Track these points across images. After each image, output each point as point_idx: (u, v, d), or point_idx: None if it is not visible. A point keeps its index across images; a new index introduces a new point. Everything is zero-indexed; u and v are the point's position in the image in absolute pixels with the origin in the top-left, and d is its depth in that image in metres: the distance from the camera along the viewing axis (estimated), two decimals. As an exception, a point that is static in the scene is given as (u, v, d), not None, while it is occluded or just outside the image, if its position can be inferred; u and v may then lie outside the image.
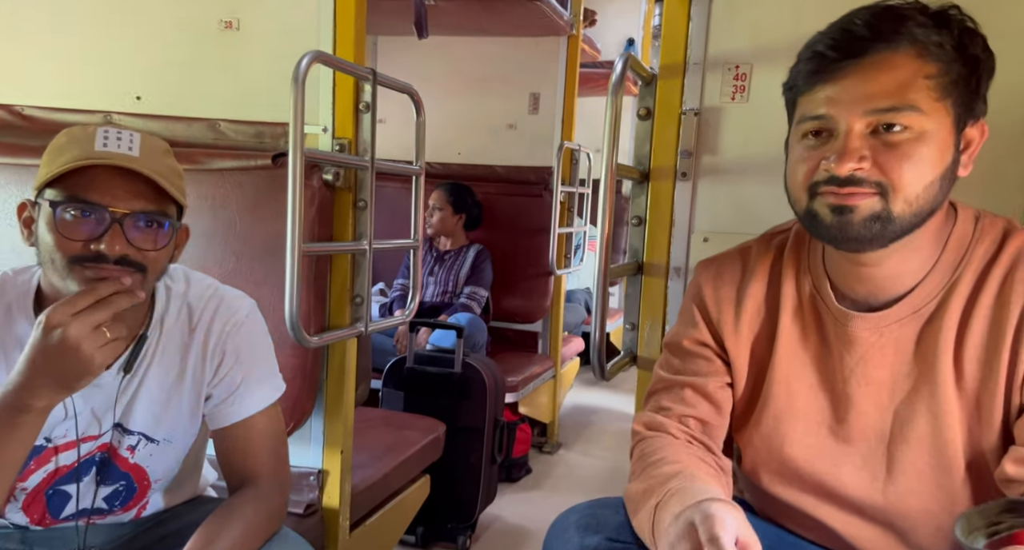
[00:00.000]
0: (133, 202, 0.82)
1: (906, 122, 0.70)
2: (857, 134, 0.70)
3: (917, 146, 0.70)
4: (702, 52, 1.21)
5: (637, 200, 1.29)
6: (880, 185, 0.70)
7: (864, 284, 0.80)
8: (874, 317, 0.80)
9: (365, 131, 1.33)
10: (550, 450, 2.82)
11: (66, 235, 0.81)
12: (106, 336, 0.77)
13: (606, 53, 3.77)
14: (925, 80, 0.70)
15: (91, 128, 0.85)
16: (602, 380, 1.17)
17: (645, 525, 0.74)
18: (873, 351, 0.80)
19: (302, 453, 1.39)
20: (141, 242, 0.84)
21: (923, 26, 0.70)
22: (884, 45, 0.70)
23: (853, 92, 0.70)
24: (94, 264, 0.81)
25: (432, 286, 2.70)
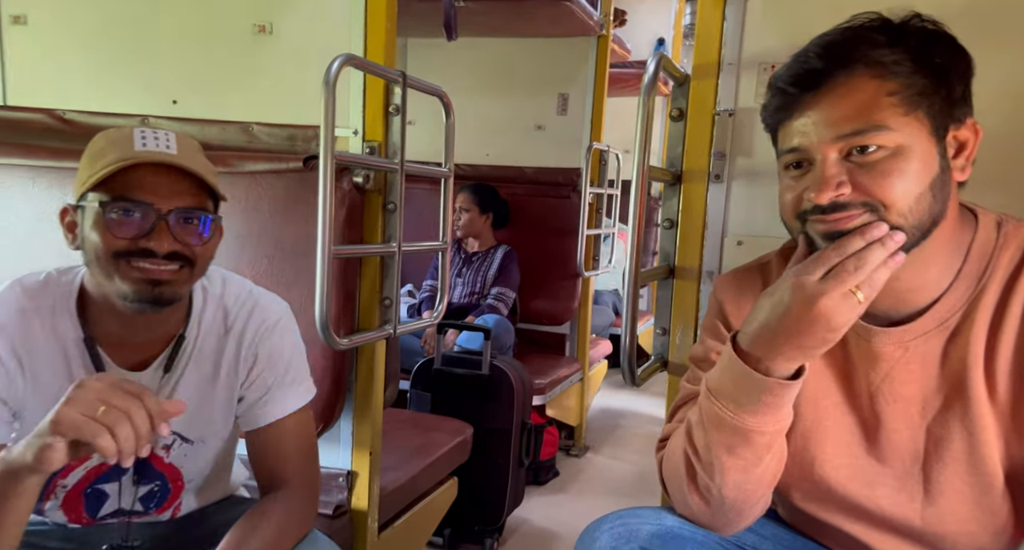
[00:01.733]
0: (176, 199, 0.84)
1: (877, 142, 0.69)
2: (832, 162, 0.70)
3: (895, 161, 0.69)
4: (737, 52, 1.18)
5: (669, 202, 1.27)
6: (868, 205, 0.70)
7: (883, 298, 0.77)
8: (897, 332, 0.77)
9: (395, 134, 1.33)
10: (577, 453, 2.81)
11: (114, 233, 0.82)
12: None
13: (636, 53, 3.73)
14: (888, 98, 0.69)
15: (127, 130, 0.86)
16: (632, 386, 1.15)
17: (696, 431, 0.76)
18: (899, 367, 0.78)
19: (331, 454, 1.40)
20: (187, 237, 0.86)
21: (877, 46, 0.70)
22: (839, 71, 0.70)
23: (819, 122, 0.71)
24: (141, 259, 0.83)
25: (460, 287, 2.70)
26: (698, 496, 0.79)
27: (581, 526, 0.88)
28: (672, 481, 0.82)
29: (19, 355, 0.86)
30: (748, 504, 0.78)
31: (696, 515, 0.81)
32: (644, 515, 0.83)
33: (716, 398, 0.74)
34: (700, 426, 0.77)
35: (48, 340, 0.88)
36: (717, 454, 0.75)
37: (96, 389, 0.69)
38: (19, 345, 0.86)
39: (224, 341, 0.97)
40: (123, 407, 0.68)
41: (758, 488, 0.77)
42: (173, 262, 0.85)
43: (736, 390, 0.73)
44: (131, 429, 0.68)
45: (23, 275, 0.91)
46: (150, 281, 0.84)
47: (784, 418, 0.74)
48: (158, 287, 0.85)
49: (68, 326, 0.90)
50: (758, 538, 0.86)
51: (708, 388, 0.76)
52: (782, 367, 0.71)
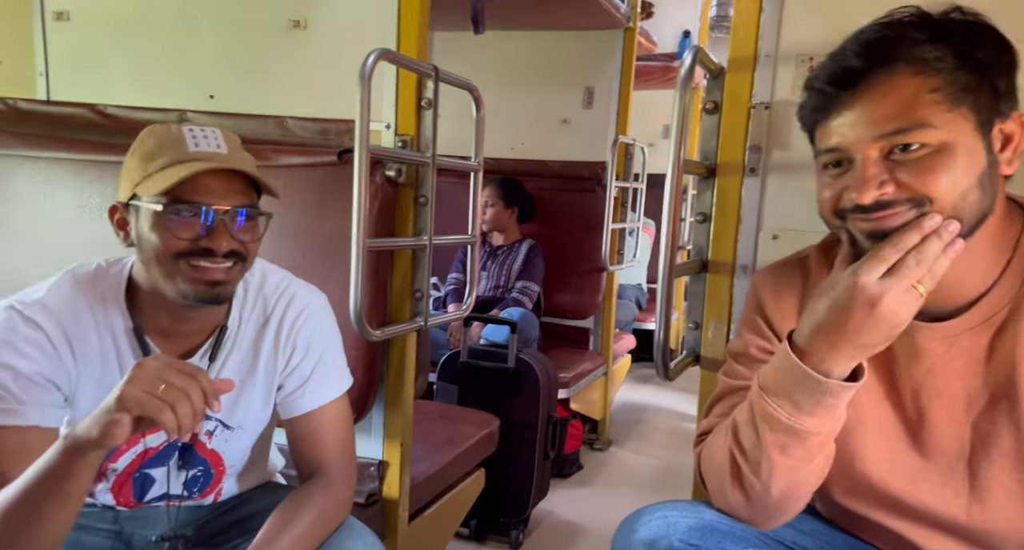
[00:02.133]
0: (232, 199, 0.87)
1: (920, 140, 0.68)
2: (873, 161, 0.70)
3: (939, 158, 0.68)
4: (774, 44, 1.17)
5: (702, 196, 1.27)
6: (913, 201, 0.69)
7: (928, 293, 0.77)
8: (943, 326, 0.76)
9: (427, 128, 1.34)
10: (601, 447, 2.81)
11: (175, 235, 0.85)
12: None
13: (662, 46, 3.70)
14: (931, 95, 0.68)
15: (174, 128, 0.88)
16: (665, 379, 1.15)
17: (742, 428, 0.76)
18: (942, 363, 0.77)
19: (363, 444, 1.42)
20: (242, 234, 0.89)
21: (917, 43, 0.68)
22: (879, 69, 0.69)
23: (859, 121, 0.70)
24: (201, 259, 0.86)
25: (485, 280, 2.71)
26: (740, 493, 0.79)
27: (606, 520, 0.89)
28: (713, 477, 0.82)
29: (71, 342, 0.88)
30: (792, 501, 0.78)
31: (736, 510, 0.81)
32: (682, 508, 0.83)
33: (770, 398, 0.74)
34: (749, 425, 0.76)
35: (98, 329, 0.91)
36: (769, 454, 0.74)
37: (155, 368, 0.73)
38: (71, 333, 0.88)
39: (263, 331, 0.99)
40: (181, 385, 0.72)
41: (804, 487, 0.77)
42: (229, 259, 0.87)
43: (794, 391, 0.72)
44: (190, 406, 0.72)
45: (75, 265, 0.94)
46: (210, 282, 0.87)
47: (840, 419, 0.74)
48: (217, 287, 0.88)
49: (117, 316, 0.92)
50: (797, 533, 0.86)
51: (761, 387, 0.75)
52: (842, 366, 0.71)
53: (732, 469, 0.79)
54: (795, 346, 0.73)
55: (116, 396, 0.71)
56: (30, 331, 0.85)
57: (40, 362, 0.85)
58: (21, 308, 0.86)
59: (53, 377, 0.86)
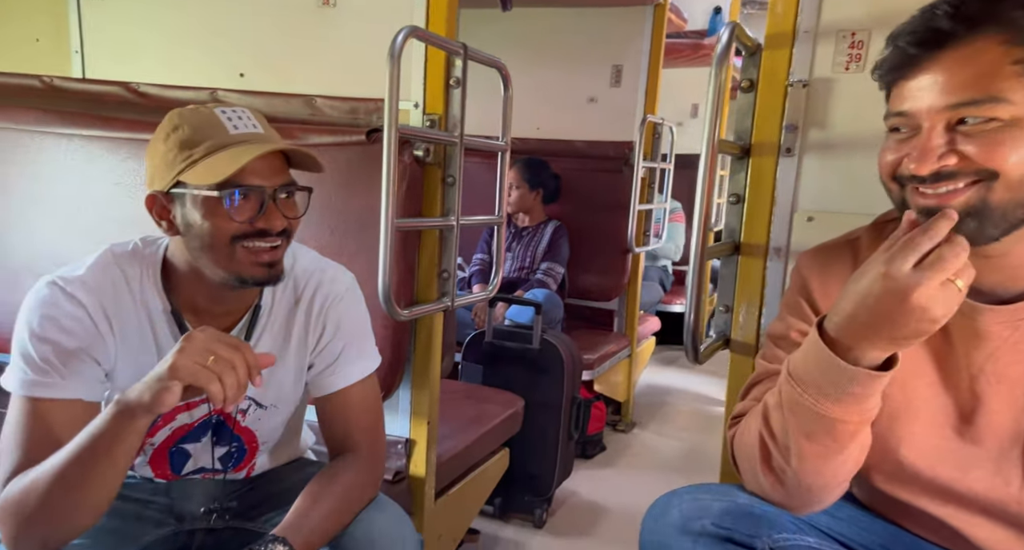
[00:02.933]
0: (277, 177, 0.88)
1: (990, 114, 0.65)
2: (938, 132, 0.67)
3: (1010, 132, 0.65)
4: (814, 19, 1.13)
5: (736, 177, 1.24)
6: (979, 173, 0.66)
7: (990, 274, 0.74)
8: (1008, 310, 0.74)
9: (455, 107, 1.33)
10: (624, 429, 2.81)
11: (230, 219, 0.85)
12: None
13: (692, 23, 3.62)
14: (1013, 66, 0.64)
15: (204, 111, 0.88)
16: (695, 363, 1.14)
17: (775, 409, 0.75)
18: (1006, 347, 0.74)
19: (391, 422, 1.43)
20: (290, 211, 0.90)
21: (1016, 5, 0.64)
22: (965, 33, 0.65)
23: (932, 88, 0.67)
24: (257, 240, 0.87)
25: (510, 261, 2.71)
26: (772, 477, 0.78)
27: (629, 501, 0.88)
28: (745, 460, 0.81)
29: (111, 319, 0.90)
30: (826, 489, 0.77)
31: (769, 494, 0.80)
32: (715, 491, 0.82)
33: (798, 384, 0.72)
34: (779, 409, 0.75)
35: (136, 308, 0.92)
36: (796, 440, 0.73)
37: (204, 340, 0.75)
38: (111, 310, 0.90)
39: (294, 311, 1.00)
40: (228, 357, 0.74)
41: (837, 475, 0.76)
42: (280, 237, 0.89)
43: (822, 378, 0.70)
44: (235, 377, 0.74)
45: (112, 244, 0.95)
46: (268, 263, 0.89)
47: (870, 409, 0.72)
48: (274, 268, 0.90)
49: (154, 296, 0.93)
50: (833, 520, 0.85)
51: (790, 372, 0.74)
52: (872, 356, 0.68)
53: (762, 453, 0.78)
54: (825, 333, 0.70)
55: (169, 364, 0.74)
56: (72, 307, 0.87)
57: (82, 338, 0.87)
58: (63, 284, 0.88)
59: (94, 352, 0.88)
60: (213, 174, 0.83)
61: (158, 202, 0.89)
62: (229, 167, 0.83)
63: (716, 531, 0.78)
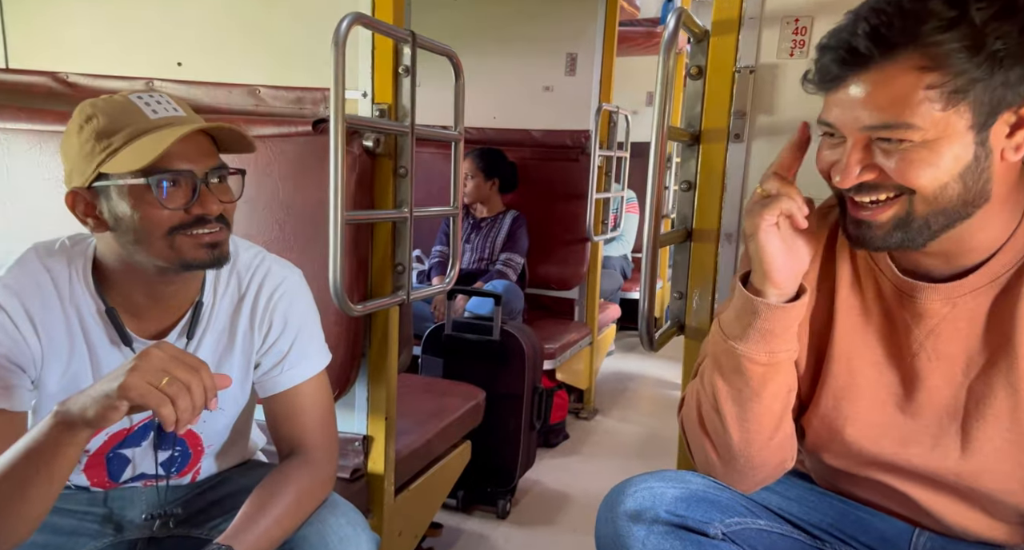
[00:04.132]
0: (206, 160, 0.85)
1: (901, 137, 0.67)
2: (859, 147, 0.70)
3: (921, 152, 0.67)
4: (759, 6, 1.14)
5: (686, 164, 1.24)
6: (899, 188, 0.69)
7: (928, 259, 0.77)
8: (947, 287, 0.76)
9: (405, 96, 1.30)
10: (587, 416, 2.83)
11: (166, 207, 0.81)
12: None
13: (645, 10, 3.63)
14: (926, 91, 0.65)
15: (118, 99, 0.84)
16: (650, 350, 1.14)
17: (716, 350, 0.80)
18: (945, 324, 0.77)
19: (347, 419, 1.41)
20: (225, 196, 0.87)
21: (934, 29, 0.64)
22: (881, 57, 0.66)
23: (851, 107, 0.69)
24: (196, 227, 0.83)
25: (468, 253, 2.69)
26: (707, 439, 0.81)
27: (592, 487, 0.89)
28: (689, 428, 0.84)
29: (35, 323, 0.85)
30: (755, 447, 0.79)
31: (711, 464, 0.82)
32: (668, 478, 0.83)
33: (720, 328, 0.78)
34: (708, 360, 0.80)
35: (65, 310, 0.88)
36: (713, 381, 0.78)
37: (161, 359, 0.72)
38: (36, 314, 0.85)
39: (238, 308, 0.97)
40: (185, 379, 0.71)
41: (761, 428, 0.78)
42: (218, 224, 0.86)
43: (735, 317, 0.77)
44: (190, 401, 0.71)
45: (37, 243, 0.90)
46: (210, 244, 0.85)
47: (778, 351, 0.76)
48: (218, 248, 0.86)
49: (86, 296, 0.89)
50: (783, 500, 0.87)
51: (718, 316, 0.80)
52: (771, 293, 0.76)
53: (697, 413, 0.82)
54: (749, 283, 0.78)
55: (120, 382, 0.70)
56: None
57: (3, 343, 0.82)
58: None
59: (18, 359, 0.83)
60: (137, 160, 0.79)
61: (80, 199, 0.84)
62: (153, 151, 0.79)
63: (669, 519, 0.78)
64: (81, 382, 0.89)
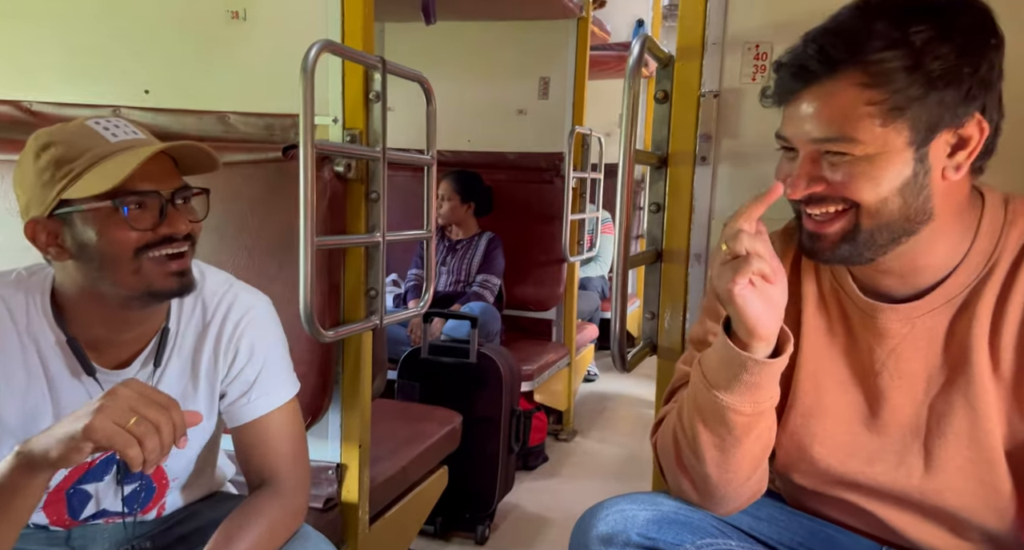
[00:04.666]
0: (171, 181, 0.85)
1: (844, 150, 0.70)
2: (808, 160, 0.73)
3: (861, 166, 0.70)
4: (721, 31, 1.17)
5: (655, 186, 1.26)
6: (845, 201, 0.72)
7: (885, 278, 0.79)
8: (904, 308, 0.78)
9: (376, 121, 1.30)
10: (566, 438, 2.82)
11: (133, 228, 0.81)
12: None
13: (616, 35, 3.70)
14: (867, 107, 0.69)
15: (72, 126, 0.83)
16: (623, 371, 1.14)
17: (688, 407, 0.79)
18: (905, 343, 0.78)
19: (320, 447, 1.38)
20: (191, 214, 0.87)
21: (876, 48, 0.67)
22: (826, 74, 0.70)
23: (801, 121, 0.72)
24: (163, 247, 0.83)
25: (445, 275, 2.68)
26: (685, 475, 0.80)
27: (572, 510, 0.88)
28: (664, 459, 0.84)
29: None
30: (733, 486, 0.79)
31: (686, 494, 0.82)
32: (640, 501, 0.82)
33: (703, 374, 0.77)
34: (688, 401, 0.79)
35: (22, 342, 0.86)
36: (698, 431, 0.77)
37: (129, 398, 0.70)
38: None
39: (203, 336, 0.95)
40: (154, 419, 0.69)
41: (740, 470, 0.78)
42: (186, 243, 0.86)
43: (720, 367, 0.75)
44: (159, 442, 0.69)
45: None
46: (178, 272, 0.85)
47: (763, 401, 0.75)
48: (184, 276, 0.86)
49: (44, 328, 0.87)
50: (754, 520, 0.87)
51: (700, 364, 0.78)
52: (757, 348, 0.73)
53: (675, 448, 0.81)
54: (732, 331, 0.76)
55: (85, 424, 0.68)
56: None
57: None
58: None
59: None
60: (102, 183, 0.78)
61: (41, 228, 0.82)
62: (119, 173, 0.78)
63: (641, 542, 0.78)
64: (40, 415, 0.86)
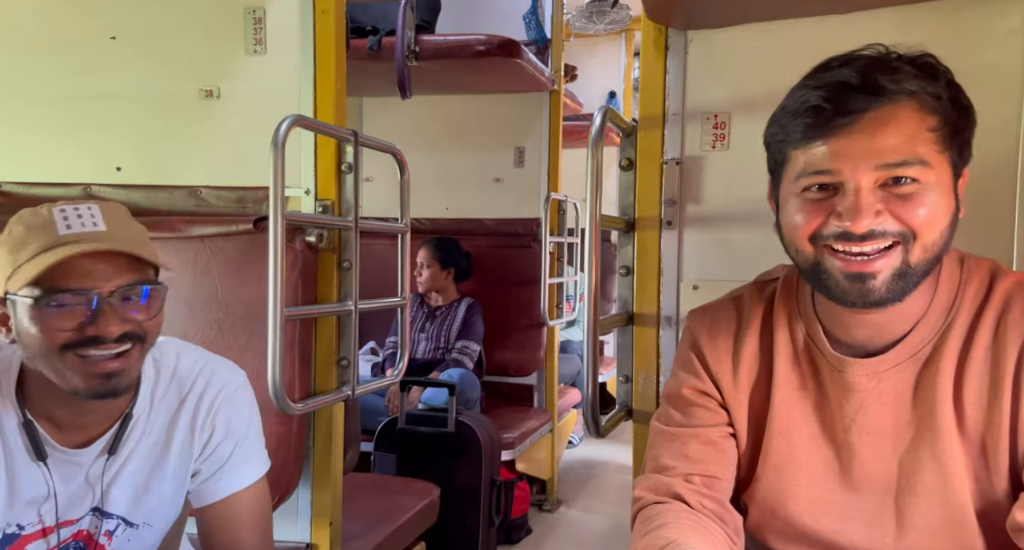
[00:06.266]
0: (116, 279, 0.80)
1: (915, 175, 0.69)
2: (868, 189, 0.69)
3: (927, 195, 0.69)
4: (680, 102, 1.22)
5: (624, 250, 1.28)
6: (902, 235, 0.70)
7: (862, 330, 0.78)
8: (871, 363, 0.77)
9: (348, 191, 1.33)
10: (550, 508, 2.73)
11: (56, 327, 0.78)
12: None
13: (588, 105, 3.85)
14: (928, 133, 0.69)
15: (44, 211, 0.82)
16: (597, 437, 1.12)
17: None
18: (872, 398, 0.78)
19: (289, 527, 1.33)
20: (134, 314, 0.82)
21: (917, 78, 0.70)
22: (886, 99, 0.68)
23: (861, 148, 0.68)
24: (91, 347, 0.79)
25: (424, 342, 2.66)
26: None
27: (556, 587, 0.84)
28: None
29: None
30: None
31: None
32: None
33: None
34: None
35: None
36: None
37: None
38: None
39: (178, 414, 0.93)
40: None
41: None
42: (124, 343, 0.81)
43: None
44: None
45: None
46: (103, 374, 0.80)
47: None
48: (112, 379, 0.81)
49: (7, 407, 0.84)
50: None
51: None
52: None
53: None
54: None
55: None
56: None
57: None
58: None
59: None
60: (26, 278, 0.77)
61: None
62: (36, 270, 0.76)
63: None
64: None
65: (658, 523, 0.76)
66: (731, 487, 0.84)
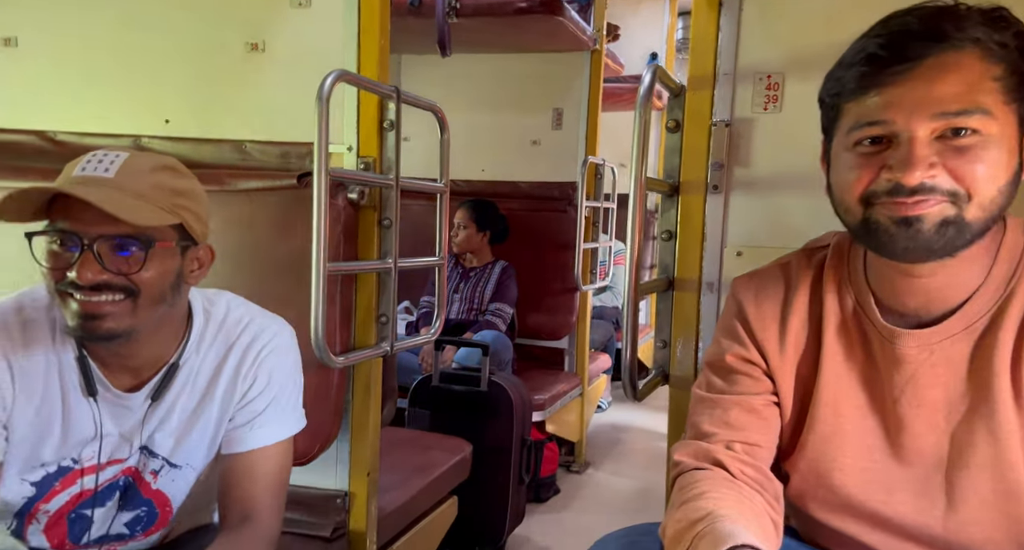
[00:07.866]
0: (102, 226, 0.78)
1: (976, 126, 0.65)
2: (923, 140, 0.66)
3: (988, 150, 0.66)
4: (732, 62, 1.18)
5: (667, 214, 1.26)
6: (953, 193, 0.66)
7: (914, 297, 0.75)
8: (924, 334, 0.75)
9: (390, 149, 1.32)
10: (578, 469, 2.77)
11: (50, 264, 0.80)
12: None
13: (630, 68, 3.75)
14: (993, 82, 0.65)
15: (88, 154, 0.84)
16: (634, 400, 1.13)
17: None
18: (924, 370, 0.76)
19: (328, 475, 1.37)
20: (119, 265, 0.80)
21: (983, 25, 0.66)
22: (947, 45, 0.65)
23: (918, 96, 0.65)
24: (71, 290, 0.79)
25: (458, 303, 2.68)
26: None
27: (583, 544, 0.86)
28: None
29: (12, 366, 0.84)
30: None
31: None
32: (653, 531, 0.80)
33: None
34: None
35: (47, 355, 0.87)
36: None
37: None
38: (14, 356, 0.84)
39: (224, 361, 0.95)
40: None
41: None
42: (104, 293, 0.79)
43: None
44: None
45: (32, 287, 0.89)
46: (85, 315, 0.79)
47: None
48: (94, 321, 0.79)
49: (67, 343, 0.88)
50: (767, 556, 0.84)
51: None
52: None
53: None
54: None
55: None
56: None
57: None
58: None
59: None
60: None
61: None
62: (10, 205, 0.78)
63: (651, 576, 0.76)
64: (51, 427, 0.87)
65: (698, 491, 0.76)
66: (772, 455, 0.84)
